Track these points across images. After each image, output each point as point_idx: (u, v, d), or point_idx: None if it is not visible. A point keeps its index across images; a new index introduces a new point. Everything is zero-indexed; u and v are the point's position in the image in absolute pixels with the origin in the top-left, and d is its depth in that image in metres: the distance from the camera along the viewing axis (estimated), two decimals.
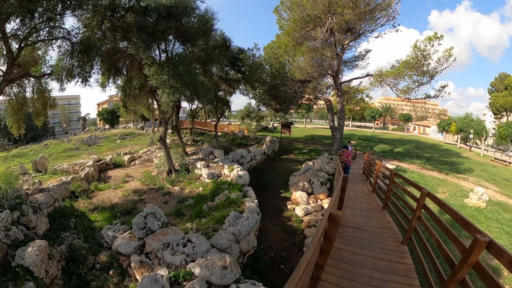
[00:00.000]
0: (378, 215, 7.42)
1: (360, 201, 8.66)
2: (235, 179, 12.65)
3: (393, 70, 15.63)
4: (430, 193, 5.00)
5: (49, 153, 31.00)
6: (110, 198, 13.65)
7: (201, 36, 13.96)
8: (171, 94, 12.05)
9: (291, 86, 19.15)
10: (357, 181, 12.69)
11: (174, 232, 7.67)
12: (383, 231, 6.23)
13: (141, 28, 12.77)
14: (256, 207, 9.70)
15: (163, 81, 12.00)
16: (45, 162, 18.57)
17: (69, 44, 12.47)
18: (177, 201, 12.61)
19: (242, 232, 7.79)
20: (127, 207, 11.93)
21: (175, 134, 21.09)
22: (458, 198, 16.86)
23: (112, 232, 8.72)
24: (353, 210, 7.54)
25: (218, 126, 38.74)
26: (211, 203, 11.24)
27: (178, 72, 11.95)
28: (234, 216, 8.37)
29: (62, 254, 7.73)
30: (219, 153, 16.47)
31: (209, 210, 10.63)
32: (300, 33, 16.34)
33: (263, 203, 13.18)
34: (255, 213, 9.18)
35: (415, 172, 20.44)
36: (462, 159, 30.56)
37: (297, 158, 22.73)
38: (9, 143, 53.84)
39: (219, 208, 10.46)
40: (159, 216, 8.27)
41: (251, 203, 10.20)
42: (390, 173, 7.32)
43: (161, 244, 7.17)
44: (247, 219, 8.22)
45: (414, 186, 5.69)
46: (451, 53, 15.31)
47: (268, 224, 11.11)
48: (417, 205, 5.21)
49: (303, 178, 14.85)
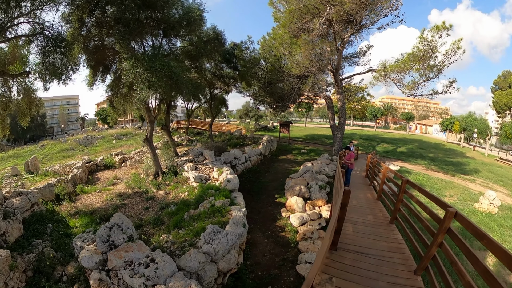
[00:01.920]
0: (385, 231, 6.08)
1: (364, 212, 7.32)
2: (223, 184, 11.34)
3: (398, 64, 14.19)
4: (459, 214, 3.68)
5: (44, 153, 30.64)
6: (93, 202, 12.75)
7: (184, 27, 12.65)
8: (146, 89, 10.87)
9: (288, 82, 17.75)
10: (359, 186, 11.31)
11: (139, 248, 6.44)
12: (392, 256, 4.90)
13: (118, 20, 11.64)
14: (242, 217, 8.40)
15: (138, 75, 10.81)
16: (37, 163, 17.87)
17: (44, 40, 11.56)
18: (159, 207, 11.44)
19: (219, 251, 6.46)
20: (107, 213, 10.93)
21: (165, 134, 19.81)
22: (467, 203, 15.48)
23: (81, 242, 7.59)
24: (356, 226, 6.19)
25: (216, 126, 37.54)
26: (194, 211, 9.91)
27: (154, 65, 10.71)
28: (211, 232, 7.04)
29: (30, 263, 7.11)
30: (209, 154, 15.15)
31: (190, 219, 9.29)
32: (297, 25, 14.99)
33: (255, 210, 11.88)
34: (240, 225, 7.87)
35: (420, 174, 19.06)
36: (467, 159, 29.11)
37: (296, 158, 21.38)
38: (8, 144, 53.26)
39: (202, 217, 9.13)
40: (126, 228, 7.02)
41: (238, 212, 8.91)
42: (401, 180, 5.97)
43: (122, 261, 6.02)
44: (226, 235, 6.86)
45: (435, 202, 4.33)
46: (459, 46, 13.90)
47: (258, 235, 9.79)
48: (440, 228, 3.88)
49: (300, 181, 13.52)
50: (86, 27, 12.56)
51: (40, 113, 55.16)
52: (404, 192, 5.91)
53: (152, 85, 10.82)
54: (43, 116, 56.07)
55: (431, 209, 4.48)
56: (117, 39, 11.51)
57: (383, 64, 15.02)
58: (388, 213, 7.30)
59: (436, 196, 4.33)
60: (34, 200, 10.36)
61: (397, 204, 6.19)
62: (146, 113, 15.95)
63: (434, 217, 4.21)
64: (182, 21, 12.41)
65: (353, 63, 23.31)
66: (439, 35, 13.11)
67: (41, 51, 11.57)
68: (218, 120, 56.32)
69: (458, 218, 3.67)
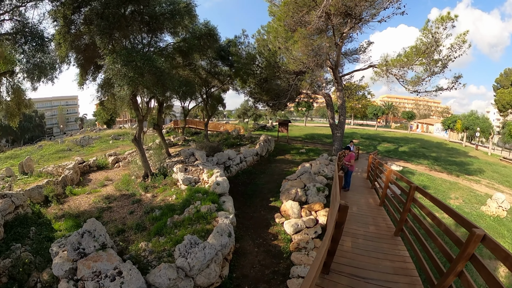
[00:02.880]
0: (389, 246, 5.17)
1: (365, 222, 6.38)
2: (212, 187, 10.46)
3: (401, 57, 13.21)
4: (488, 237, 2.78)
5: (41, 154, 30.48)
6: (80, 205, 12.15)
7: (168, 19, 11.79)
8: (126, 86, 10.24)
9: (284, 79, 16.79)
10: (360, 189, 10.33)
11: (109, 258, 5.83)
12: (396, 280, 3.99)
13: (101, 15, 10.92)
14: (228, 226, 7.51)
15: (117, 70, 10.09)
16: (31, 164, 17.45)
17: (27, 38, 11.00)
18: (144, 211, 10.75)
19: (194, 266, 5.61)
20: (92, 216, 10.16)
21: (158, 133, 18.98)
22: (473, 206, 14.53)
23: (57, 247, 7.07)
24: (355, 241, 5.27)
25: (214, 125, 36.64)
26: (178, 216, 9.12)
27: (133, 59, 9.97)
28: (188, 244, 6.20)
29: (5, 269, 6.78)
30: (200, 155, 14.25)
31: (173, 226, 8.54)
32: (293, 19, 14.04)
33: (247, 215, 10.98)
34: (225, 234, 7.01)
35: (423, 174, 18.11)
36: (471, 159, 28.10)
37: (294, 159, 20.45)
38: (7, 145, 52.75)
39: (185, 224, 8.37)
40: (98, 235, 6.36)
41: (224, 219, 8.04)
42: (409, 186, 5.06)
43: (90, 272, 5.53)
44: (203, 249, 5.99)
45: (455, 219, 3.37)
46: (465, 39, 12.93)
47: (248, 243, 8.88)
48: (461, 254, 2.97)
49: (296, 183, 12.62)
50: (75, 25, 11.99)
51: (38, 114, 54.59)
52: (412, 200, 5.00)
53: (132, 81, 10.06)
54: (42, 116, 55.36)
55: (447, 225, 3.57)
56: (97, 34, 10.83)
57: (385, 59, 14.04)
58: (393, 223, 6.39)
59: (455, 210, 3.40)
60: (19, 202, 9.97)
61: (403, 214, 5.28)
62: (135, 112, 15.20)
63: (452, 237, 3.30)
64: (166, 13, 11.53)
65: (353, 60, 22.36)
66: (443, 27, 12.14)
67: (25, 50, 11.08)
68: (217, 119, 55.47)
69: (487, 242, 2.77)
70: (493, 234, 11.49)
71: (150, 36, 13.57)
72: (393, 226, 6.11)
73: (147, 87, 11.08)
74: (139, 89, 12.07)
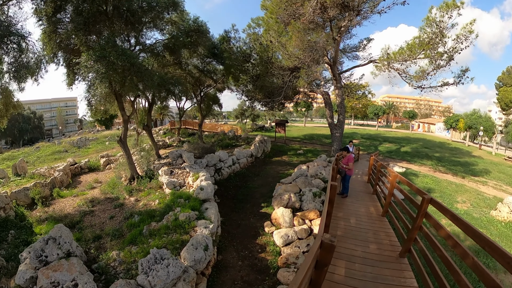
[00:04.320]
0: (393, 273, 4.03)
1: (365, 238, 5.24)
2: (195, 192, 9.41)
3: (403, 50, 12.07)
4: None
5: (37, 155, 30.11)
6: (65, 208, 11.67)
7: (146, 12, 10.91)
8: (99, 83, 9.48)
9: (278, 76, 15.68)
10: (360, 195, 9.12)
11: (69, 268, 5.30)
12: None
13: (79, 12, 10.41)
14: (205, 238, 6.47)
15: (90, 67, 9.39)
16: (25, 166, 17.03)
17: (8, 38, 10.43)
18: (124, 217, 9.96)
19: (156, 286, 4.70)
20: (73, 220, 9.97)
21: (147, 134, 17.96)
22: (482, 210, 13.32)
23: (27, 253, 6.22)
24: (351, 265, 4.11)
25: (211, 126, 35.64)
26: (156, 224, 8.13)
27: (106, 55, 9.18)
28: (152, 258, 5.31)
29: None
30: (188, 157, 13.18)
31: (149, 234, 7.58)
32: (287, 11, 12.97)
33: (235, 222, 9.90)
34: (201, 248, 6.03)
35: (428, 176, 16.91)
36: (475, 159, 26.85)
37: (291, 160, 19.34)
38: (6, 146, 52.18)
39: (161, 233, 7.37)
40: (63, 242, 5.84)
41: (204, 229, 7.02)
42: (421, 197, 3.94)
43: (49, 282, 5.03)
44: (167, 266, 5.02)
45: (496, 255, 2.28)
46: (471, 29, 11.78)
47: (232, 255, 7.80)
48: None
49: (291, 187, 11.51)
50: (61, 24, 11.47)
51: (37, 115, 53.90)
52: (424, 216, 3.90)
53: (104, 77, 9.31)
54: (40, 118, 54.63)
55: (477, 261, 2.46)
56: (73, 30, 10.38)
57: (386, 51, 12.87)
58: (398, 239, 5.28)
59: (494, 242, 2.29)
60: (1, 204, 9.82)
61: (412, 232, 4.18)
62: (120, 112, 14.25)
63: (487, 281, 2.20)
64: (144, 6, 10.62)
65: (353, 58, 21.28)
66: (448, 15, 10.99)
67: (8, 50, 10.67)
68: (216, 120, 54.49)
69: None
70: (506, 244, 10.31)
71: (132, 32, 12.74)
72: (399, 244, 5.01)
73: (122, 85, 10.25)
74: (115, 87, 11.12)
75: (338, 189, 9.11)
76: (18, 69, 11.04)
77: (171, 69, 17.70)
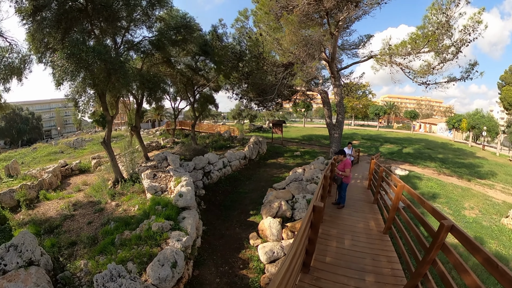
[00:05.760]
0: None
1: (361, 268, 4.03)
2: (174, 199, 8.38)
3: (406, 41, 10.86)
4: None
5: (34, 156, 29.59)
6: (48, 211, 11.23)
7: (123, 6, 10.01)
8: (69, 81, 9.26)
9: (271, 72, 14.48)
10: (359, 205, 7.82)
11: (25, 278, 4.94)
12: None
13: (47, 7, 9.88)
14: (175, 253, 5.67)
15: (60, 65, 8.91)
16: (17, 167, 16.48)
17: None
18: (101, 223, 9.43)
19: None
20: (53, 224, 9.53)
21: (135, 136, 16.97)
22: (492, 217, 12.11)
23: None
24: None
25: (209, 127, 34.50)
26: (129, 233, 7.30)
27: (74, 52, 8.65)
28: (108, 275, 4.77)
29: None
30: (172, 160, 12.11)
31: (120, 244, 6.84)
32: (279, 4, 11.87)
33: (218, 232, 8.82)
34: (168, 265, 5.26)
35: (432, 179, 15.71)
36: (480, 160, 25.56)
37: (287, 163, 18.21)
38: (5, 147, 51.55)
39: (131, 243, 6.58)
40: (25, 250, 5.42)
41: (176, 242, 6.14)
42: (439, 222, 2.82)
43: None
44: (120, 286, 4.44)
45: None
46: (480, 19, 10.61)
47: (210, 270, 6.74)
48: None
49: (283, 193, 10.40)
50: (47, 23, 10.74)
51: (35, 116, 53.18)
52: (441, 247, 2.78)
53: (74, 75, 8.97)
54: (39, 118, 53.85)
55: None
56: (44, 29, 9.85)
57: (387, 42, 11.68)
58: (402, 267, 4.16)
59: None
60: None
61: (423, 267, 3.06)
62: (104, 112, 13.30)
63: None
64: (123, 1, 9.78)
65: (353, 55, 20.09)
66: (456, 3, 9.83)
67: None
68: (215, 121, 53.44)
69: None
70: None
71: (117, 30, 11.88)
72: (403, 274, 3.88)
73: (95, 84, 9.77)
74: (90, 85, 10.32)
75: (334, 198, 7.99)
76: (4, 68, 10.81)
77: (162, 68, 16.73)
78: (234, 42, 15.57)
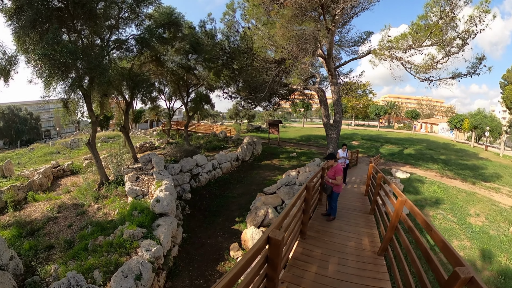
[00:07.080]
0: None
1: None
2: (151, 204, 7.57)
3: (407, 32, 9.84)
4: None
5: (30, 157, 29.13)
6: (34, 212, 10.94)
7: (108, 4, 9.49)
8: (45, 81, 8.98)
9: (262, 69, 13.51)
10: (353, 216, 6.63)
11: None
12: None
13: None
14: (141, 265, 5.12)
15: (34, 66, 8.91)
16: (11, 167, 16.16)
17: None
18: (80, 226, 9.13)
19: None
20: (35, 226, 9.32)
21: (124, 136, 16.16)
22: (500, 225, 11.07)
23: None
24: None
25: (206, 127, 33.62)
26: (103, 238, 6.79)
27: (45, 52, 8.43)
28: (65, 284, 4.48)
29: None
30: (157, 162, 11.23)
31: (92, 250, 6.43)
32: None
33: (199, 241, 7.99)
34: (131, 277, 4.77)
35: (435, 183, 14.68)
36: (483, 162, 24.46)
37: (281, 164, 17.27)
38: (4, 147, 51.13)
39: (102, 250, 6.14)
40: None
41: (145, 253, 5.59)
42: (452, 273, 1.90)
43: None
44: None
45: None
46: (487, 9, 9.62)
47: (184, 283, 6.00)
48: None
49: (272, 199, 9.49)
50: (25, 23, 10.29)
51: (34, 116, 52.67)
52: None
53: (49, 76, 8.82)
54: (37, 119, 53.29)
55: None
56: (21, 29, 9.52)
57: (386, 33, 10.67)
58: None
59: None
60: None
61: None
62: (88, 113, 12.59)
63: None
64: None
65: (352, 53, 19.14)
66: None
67: None
68: (214, 121, 52.61)
69: None
70: None
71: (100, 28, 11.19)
72: None
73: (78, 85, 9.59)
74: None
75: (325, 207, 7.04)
76: None
77: (153, 68, 15.90)
78: (223, 38, 14.70)
